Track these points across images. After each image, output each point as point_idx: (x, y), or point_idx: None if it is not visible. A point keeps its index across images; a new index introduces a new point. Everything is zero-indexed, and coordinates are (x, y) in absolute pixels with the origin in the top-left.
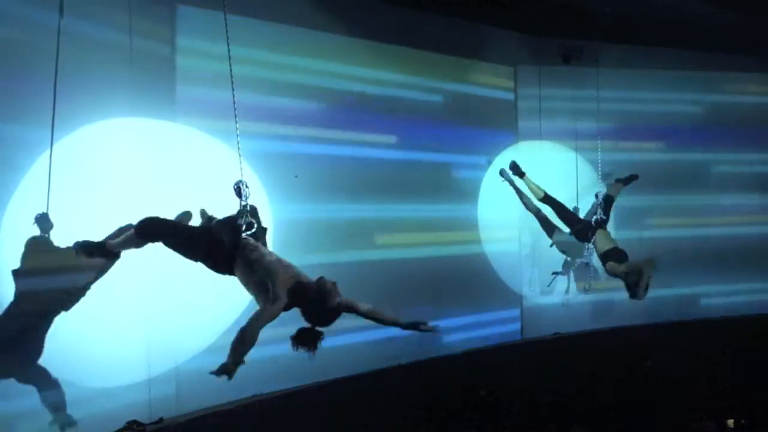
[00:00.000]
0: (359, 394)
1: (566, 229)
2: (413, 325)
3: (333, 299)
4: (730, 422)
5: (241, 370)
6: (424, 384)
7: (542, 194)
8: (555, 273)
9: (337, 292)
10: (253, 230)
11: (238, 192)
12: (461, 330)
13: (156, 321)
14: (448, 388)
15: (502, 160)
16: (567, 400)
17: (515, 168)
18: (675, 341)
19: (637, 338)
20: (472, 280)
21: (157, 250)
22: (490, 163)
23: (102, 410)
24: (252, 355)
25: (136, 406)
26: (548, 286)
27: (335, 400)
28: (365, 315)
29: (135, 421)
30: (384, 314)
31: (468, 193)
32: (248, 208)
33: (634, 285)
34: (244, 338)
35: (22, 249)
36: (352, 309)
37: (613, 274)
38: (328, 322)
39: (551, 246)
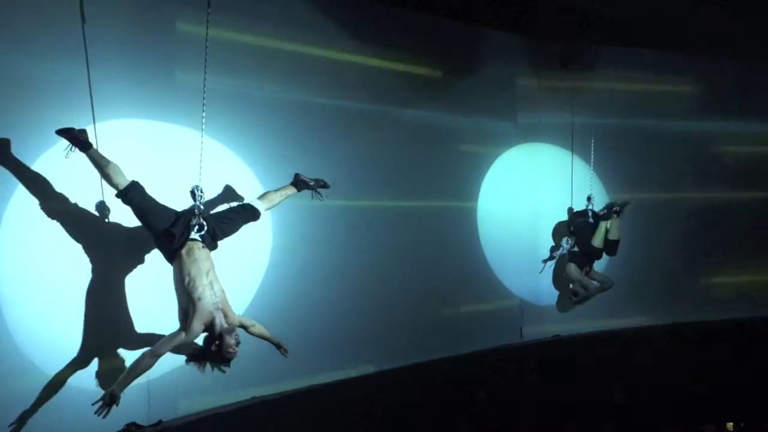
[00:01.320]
0: (359, 395)
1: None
2: (277, 345)
3: (228, 354)
4: (730, 425)
5: (240, 372)
6: (423, 385)
7: None
8: (545, 260)
9: (235, 351)
10: (203, 232)
11: (193, 195)
12: (461, 330)
13: (155, 323)
14: (448, 389)
15: (503, 161)
16: (566, 401)
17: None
18: (675, 342)
19: (636, 340)
20: (471, 281)
21: (156, 251)
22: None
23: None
24: (251, 355)
25: (135, 408)
26: (540, 273)
27: (334, 401)
28: (254, 334)
29: (134, 423)
30: (267, 334)
31: (468, 194)
32: (202, 211)
33: (574, 296)
34: (143, 361)
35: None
36: (245, 329)
37: (567, 276)
38: (214, 360)
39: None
